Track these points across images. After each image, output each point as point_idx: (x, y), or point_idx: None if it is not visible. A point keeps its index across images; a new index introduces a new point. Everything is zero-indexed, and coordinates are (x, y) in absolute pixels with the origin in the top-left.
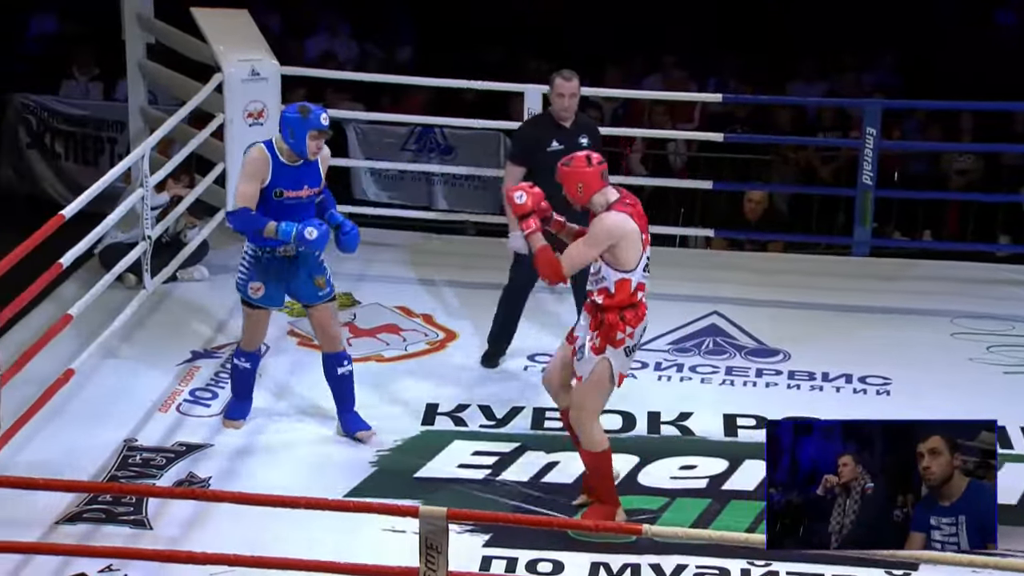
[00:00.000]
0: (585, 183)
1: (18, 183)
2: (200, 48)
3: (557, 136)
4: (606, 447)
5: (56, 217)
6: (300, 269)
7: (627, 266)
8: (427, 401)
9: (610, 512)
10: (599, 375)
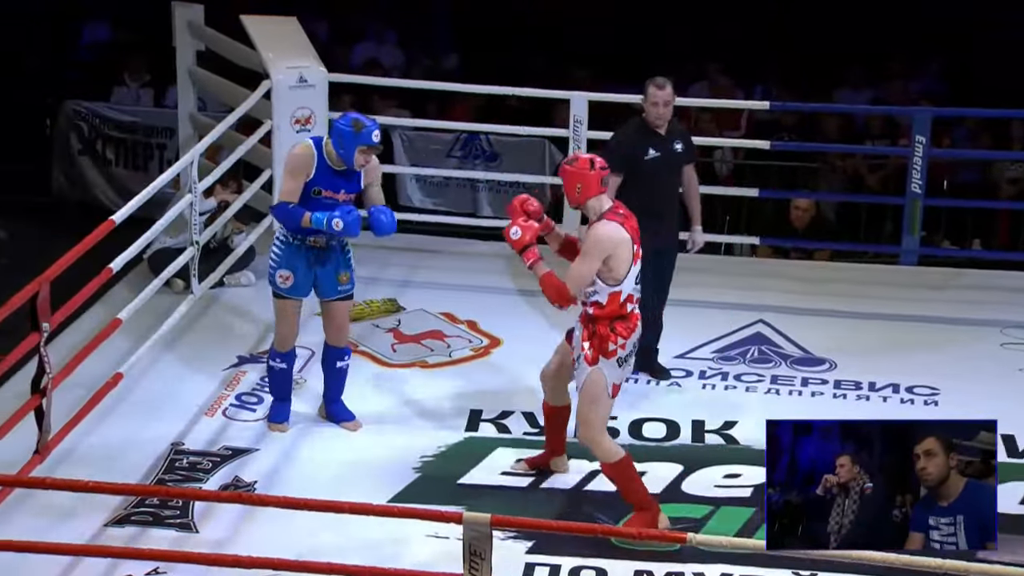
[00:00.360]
0: (584, 185)
1: (70, 189)
2: (249, 55)
3: (653, 143)
4: (621, 455)
5: (106, 222)
6: (328, 261)
7: (618, 278)
8: (471, 407)
9: (652, 518)
10: (593, 386)
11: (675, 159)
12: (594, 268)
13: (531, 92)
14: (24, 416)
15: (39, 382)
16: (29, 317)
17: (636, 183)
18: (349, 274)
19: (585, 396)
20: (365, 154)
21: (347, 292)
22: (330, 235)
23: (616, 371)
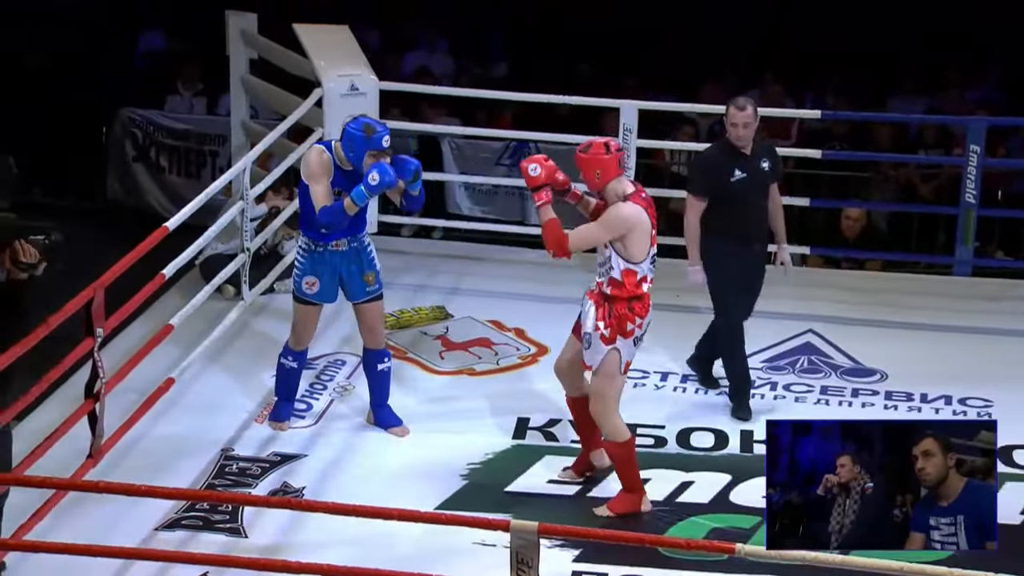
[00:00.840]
0: (603, 169)
1: (124, 196)
2: (301, 63)
3: (739, 164)
4: (628, 436)
5: (160, 229)
6: (352, 264)
7: (636, 258)
8: (518, 415)
9: (635, 500)
10: (610, 365)
11: (762, 179)
12: (602, 239)
13: (581, 100)
14: (78, 420)
15: (93, 387)
16: (84, 322)
17: (722, 206)
18: (375, 274)
19: (602, 374)
20: (375, 158)
21: (376, 292)
22: (351, 237)
23: (631, 349)
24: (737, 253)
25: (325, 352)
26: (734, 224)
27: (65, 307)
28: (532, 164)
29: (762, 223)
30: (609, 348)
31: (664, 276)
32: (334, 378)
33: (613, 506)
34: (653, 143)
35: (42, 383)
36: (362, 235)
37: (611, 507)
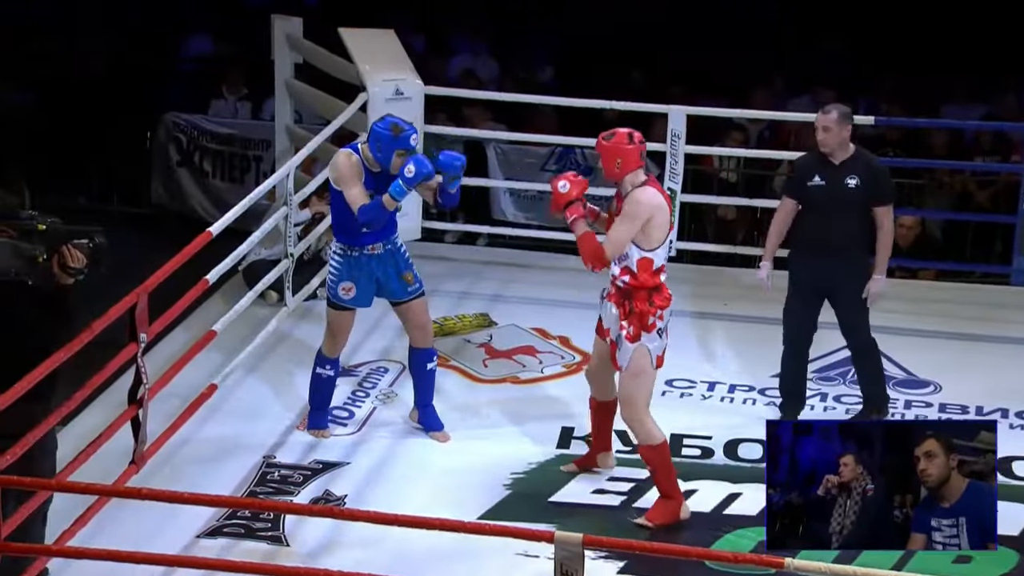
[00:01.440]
0: (624, 159)
1: (168, 201)
2: (346, 67)
3: (821, 172)
4: (662, 439)
5: (204, 234)
6: (389, 266)
7: (653, 244)
8: (563, 424)
9: (675, 507)
10: (638, 363)
11: (845, 193)
12: (634, 231)
13: (628, 106)
14: (121, 426)
15: (136, 392)
16: (127, 327)
17: (803, 211)
18: (412, 273)
19: (629, 373)
20: (403, 157)
21: (418, 291)
22: (385, 240)
23: (657, 342)
24: (805, 261)
25: (368, 360)
26: (807, 231)
27: (109, 312)
28: (562, 182)
29: (841, 239)
30: (635, 346)
31: (711, 284)
32: (376, 385)
33: (652, 516)
34: (702, 149)
35: (86, 388)
36: (394, 237)
37: (649, 517)
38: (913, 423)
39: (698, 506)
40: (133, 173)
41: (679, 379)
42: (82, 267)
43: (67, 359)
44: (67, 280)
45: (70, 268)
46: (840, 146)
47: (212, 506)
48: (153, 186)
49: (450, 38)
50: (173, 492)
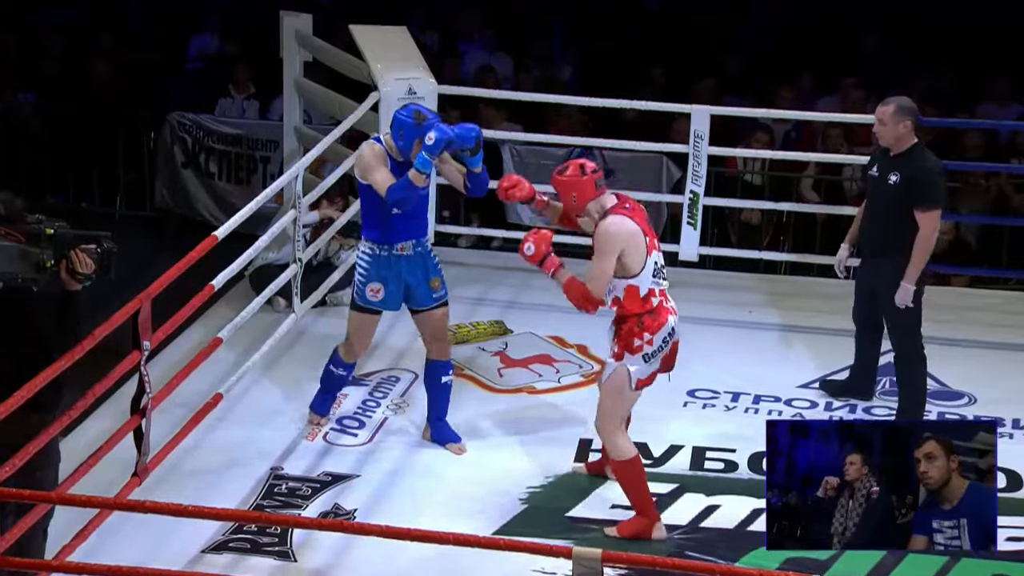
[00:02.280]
0: (579, 192)
1: (172, 203)
2: (358, 66)
3: (880, 163)
4: (633, 455)
5: (209, 238)
6: (418, 269)
7: (632, 271)
8: (580, 436)
9: (647, 525)
10: (616, 381)
11: (884, 188)
12: (611, 265)
13: (649, 105)
14: (124, 437)
15: (139, 402)
16: (131, 335)
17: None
18: (440, 279)
19: (607, 389)
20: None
21: (442, 299)
22: (415, 241)
23: (642, 367)
24: (860, 255)
25: (379, 368)
26: (863, 224)
27: (112, 319)
28: (527, 245)
29: (880, 237)
30: (617, 365)
31: (735, 290)
32: (388, 395)
33: (622, 528)
34: (725, 150)
35: (88, 397)
36: (425, 240)
37: (620, 529)
38: (912, 423)
39: (722, 522)
40: (136, 175)
41: (702, 389)
42: (90, 273)
43: (70, 367)
44: (75, 286)
45: (78, 274)
46: (896, 140)
47: (217, 520)
48: (157, 188)
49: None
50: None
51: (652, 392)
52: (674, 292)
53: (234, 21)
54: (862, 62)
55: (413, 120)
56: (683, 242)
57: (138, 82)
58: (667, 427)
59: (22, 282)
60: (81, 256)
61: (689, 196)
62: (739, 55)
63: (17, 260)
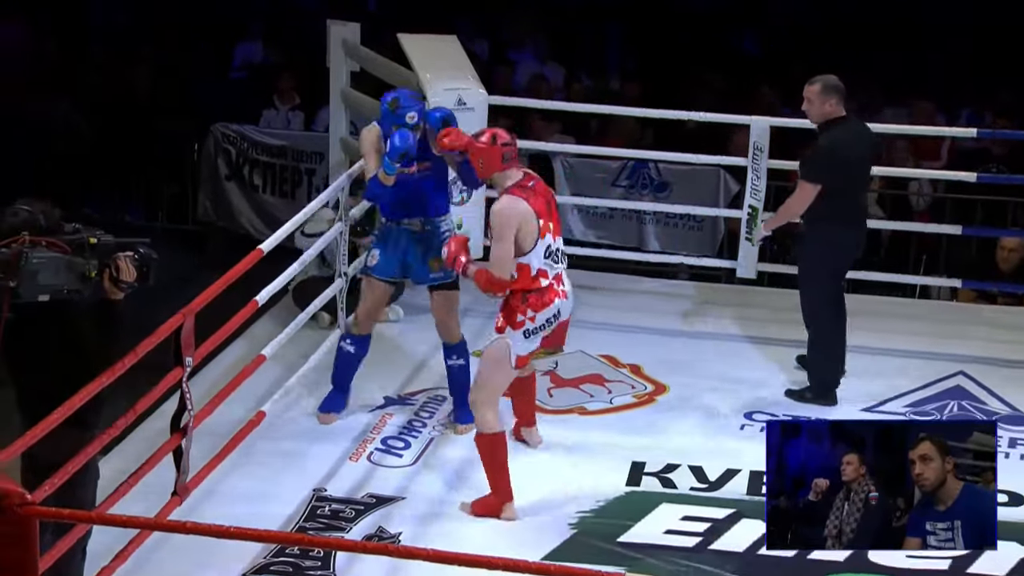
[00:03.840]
0: (486, 161)
1: (215, 216)
2: (406, 76)
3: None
4: (497, 431)
5: (254, 252)
6: (419, 246)
7: (525, 250)
8: (633, 459)
9: (496, 504)
10: (495, 353)
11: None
12: (509, 246)
13: (706, 116)
14: (164, 456)
15: (179, 420)
16: (173, 351)
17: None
18: (440, 261)
19: (486, 358)
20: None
21: (441, 280)
22: (424, 219)
23: (522, 343)
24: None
25: (425, 387)
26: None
27: (154, 334)
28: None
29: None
30: (498, 337)
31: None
32: (434, 415)
33: (476, 506)
34: (786, 163)
35: (130, 415)
36: (439, 220)
37: (473, 507)
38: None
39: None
40: (179, 187)
41: (760, 412)
42: (133, 281)
43: (111, 383)
44: (117, 295)
45: (122, 282)
46: (822, 118)
47: (259, 542)
48: (200, 200)
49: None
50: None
51: (708, 414)
52: (731, 311)
53: (279, 29)
54: (930, 73)
55: (387, 107)
56: (741, 259)
57: (181, 91)
58: (724, 450)
59: (67, 294)
60: (125, 263)
61: (748, 211)
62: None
63: (63, 271)
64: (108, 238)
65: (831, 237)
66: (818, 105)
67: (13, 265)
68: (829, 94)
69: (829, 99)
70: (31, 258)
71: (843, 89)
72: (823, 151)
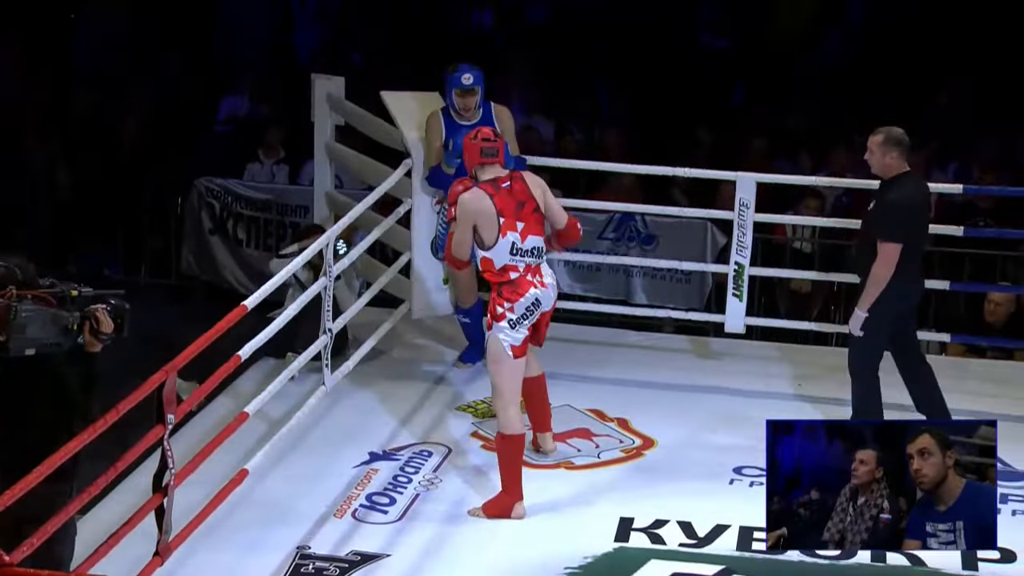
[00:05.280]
0: (467, 155)
1: (198, 270)
2: (390, 131)
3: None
4: (519, 432)
5: (238, 308)
6: None
7: (484, 244)
8: (621, 515)
9: (508, 504)
10: (492, 351)
11: (865, 215)
12: (465, 233)
13: (693, 172)
14: (146, 515)
15: (161, 478)
16: (155, 408)
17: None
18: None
19: (488, 360)
20: (462, 97)
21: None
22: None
23: (511, 333)
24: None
25: (410, 442)
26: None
27: (136, 391)
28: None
29: (857, 260)
30: (489, 335)
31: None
32: (419, 470)
33: (486, 508)
34: (772, 217)
35: (110, 473)
36: None
37: (484, 508)
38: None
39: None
40: (162, 241)
41: (748, 466)
42: (111, 332)
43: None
44: (96, 347)
45: (102, 335)
46: (883, 169)
47: None
48: (183, 254)
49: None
50: None
51: (697, 469)
52: (721, 364)
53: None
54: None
55: (448, 73)
56: (729, 313)
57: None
58: (713, 505)
59: (51, 347)
60: (103, 315)
61: (734, 268)
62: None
63: (49, 324)
64: (87, 290)
65: (893, 290)
66: (879, 156)
67: (3, 320)
68: (891, 146)
69: (890, 151)
70: (20, 312)
71: (907, 142)
72: (898, 208)
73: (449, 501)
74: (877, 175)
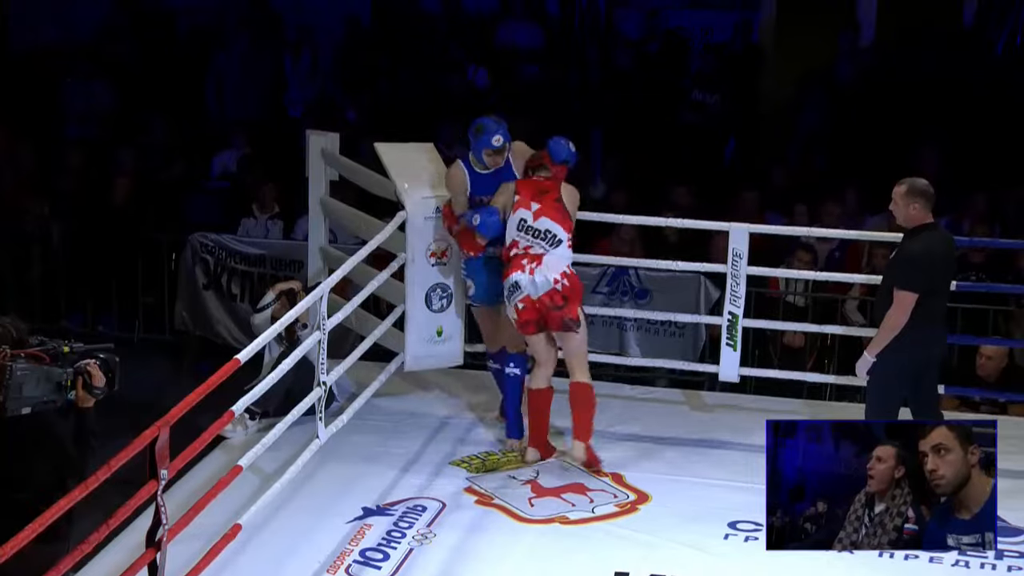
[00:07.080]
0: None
1: (192, 325)
2: (384, 184)
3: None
4: (543, 387)
5: (231, 362)
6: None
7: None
8: (616, 570)
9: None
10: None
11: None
12: (457, 202)
13: (684, 223)
14: (138, 571)
15: (155, 534)
16: (147, 464)
17: None
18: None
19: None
20: (492, 157)
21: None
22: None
23: (510, 298)
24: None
25: (404, 497)
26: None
27: (128, 447)
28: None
29: (877, 306)
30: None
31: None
32: (413, 525)
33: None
34: (765, 271)
35: (103, 530)
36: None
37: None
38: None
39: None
40: (156, 298)
41: (744, 521)
42: (103, 387)
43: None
44: (89, 402)
45: (96, 389)
46: (906, 220)
47: None
48: (177, 309)
49: None
50: None
51: (692, 523)
52: (715, 418)
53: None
54: None
55: (473, 133)
56: (723, 363)
57: (160, 201)
58: (708, 560)
59: (46, 404)
60: (95, 369)
61: (728, 318)
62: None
63: (43, 382)
64: (79, 345)
65: (916, 337)
66: (903, 207)
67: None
68: (914, 197)
69: (914, 202)
70: (15, 371)
71: (931, 194)
72: (916, 258)
73: (443, 556)
74: (900, 226)
